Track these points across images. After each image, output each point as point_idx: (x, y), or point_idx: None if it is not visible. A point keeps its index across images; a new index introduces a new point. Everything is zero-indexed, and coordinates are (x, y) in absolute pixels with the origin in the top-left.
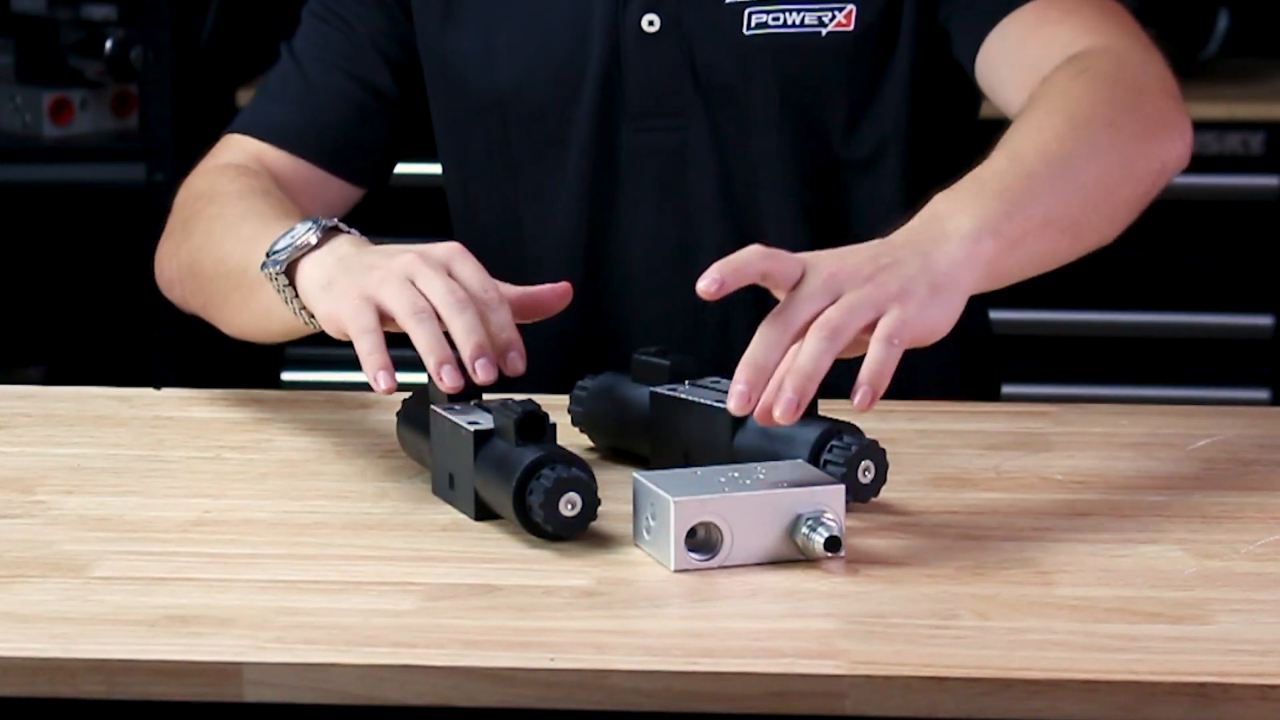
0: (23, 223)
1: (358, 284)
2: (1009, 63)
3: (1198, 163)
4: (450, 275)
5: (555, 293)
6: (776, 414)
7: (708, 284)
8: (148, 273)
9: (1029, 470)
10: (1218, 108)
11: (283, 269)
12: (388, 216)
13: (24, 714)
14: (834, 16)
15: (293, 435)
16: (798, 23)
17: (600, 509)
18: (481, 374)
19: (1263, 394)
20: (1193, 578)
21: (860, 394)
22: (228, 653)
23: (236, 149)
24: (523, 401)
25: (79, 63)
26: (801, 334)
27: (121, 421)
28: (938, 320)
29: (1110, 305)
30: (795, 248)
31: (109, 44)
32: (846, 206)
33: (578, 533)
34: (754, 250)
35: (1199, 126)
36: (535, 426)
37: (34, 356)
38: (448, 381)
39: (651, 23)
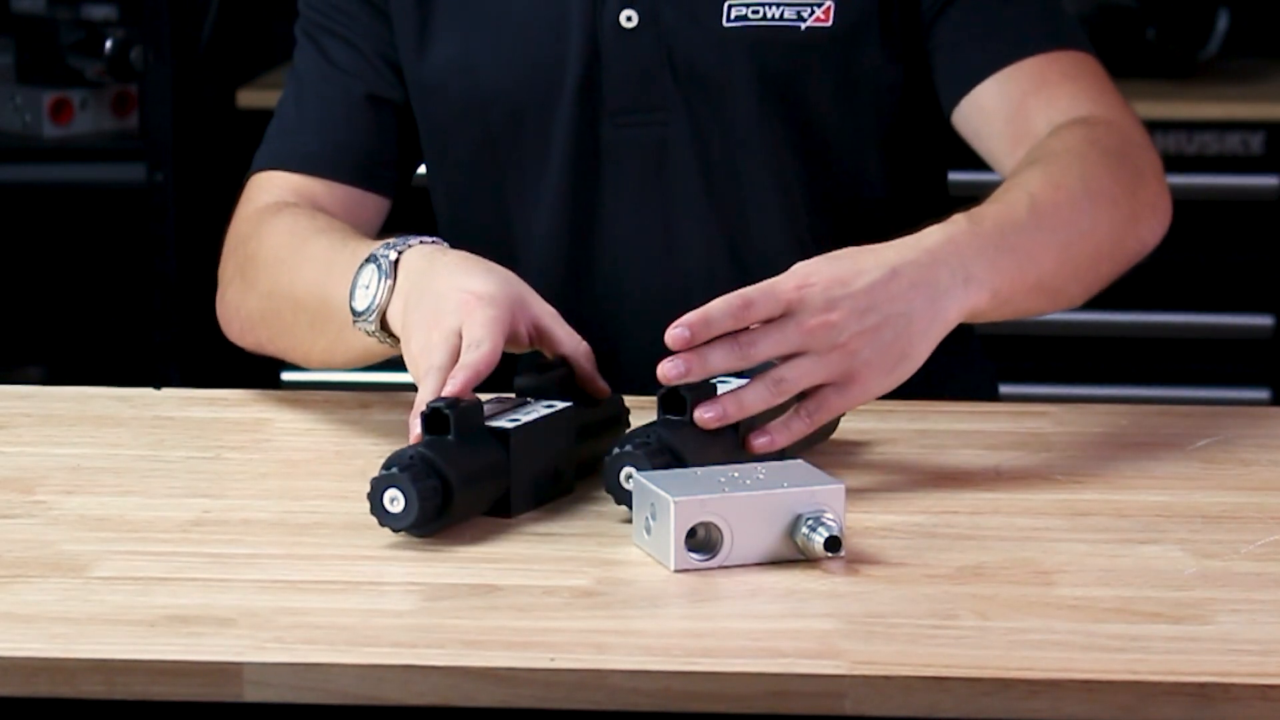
0: (23, 223)
1: (409, 360)
2: (1004, 117)
3: (1198, 163)
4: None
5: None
6: (672, 375)
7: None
8: (148, 273)
9: (1029, 470)
10: (1218, 108)
11: (377, 325)
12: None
13: (24, 714)
14: (813, 12)
15: (293, 435)
16: (776, 17)
17: (600, 509)
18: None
19: (1263, 394)
20: (1193, 578)
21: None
22: (228, 653)
23: (268, 186)
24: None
25: (79, 63)
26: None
27: (121, 421)
28: (873, 394)
29: (1110, 305)
30: (778, 238)
31: (109, 44)
32: (829, 197)
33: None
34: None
35: (1199, 126)
36: (439, 423)
37: (34, 356)
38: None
39: (630, 18)
